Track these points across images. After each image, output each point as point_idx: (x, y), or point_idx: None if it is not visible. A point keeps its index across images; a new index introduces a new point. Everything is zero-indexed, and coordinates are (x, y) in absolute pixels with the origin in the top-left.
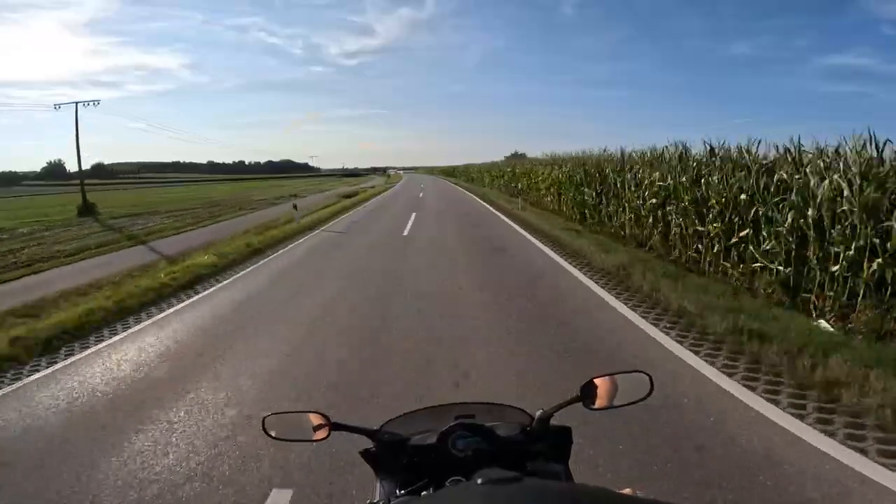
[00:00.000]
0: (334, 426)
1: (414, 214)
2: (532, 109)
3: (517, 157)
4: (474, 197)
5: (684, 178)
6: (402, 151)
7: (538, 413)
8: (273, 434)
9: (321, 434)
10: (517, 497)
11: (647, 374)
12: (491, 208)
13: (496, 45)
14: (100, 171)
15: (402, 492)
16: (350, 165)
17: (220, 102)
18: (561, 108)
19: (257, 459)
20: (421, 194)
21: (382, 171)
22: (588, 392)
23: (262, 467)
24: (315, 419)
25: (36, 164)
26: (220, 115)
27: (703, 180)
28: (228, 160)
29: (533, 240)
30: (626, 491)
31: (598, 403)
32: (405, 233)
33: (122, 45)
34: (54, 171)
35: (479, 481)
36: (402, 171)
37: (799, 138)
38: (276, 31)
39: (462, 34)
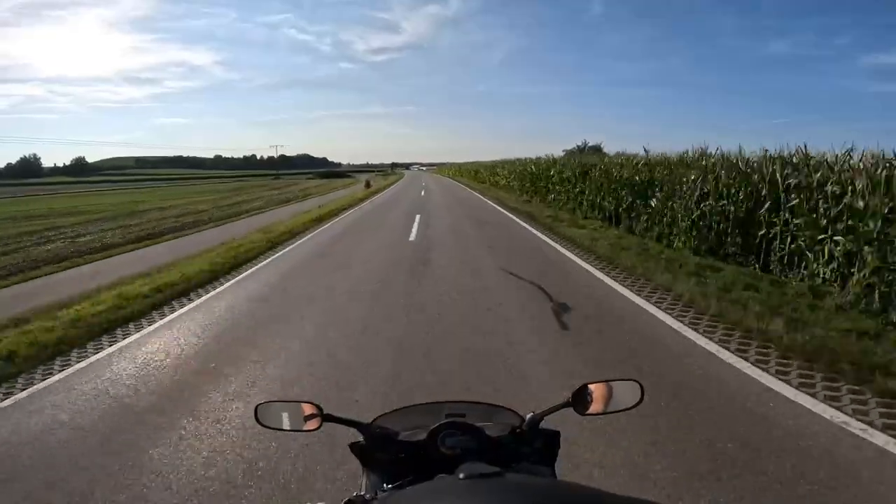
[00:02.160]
0: (326, 417)
1: None
2: (556, 109)
3: (587, 150)
4: None
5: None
6: (426, 149)
7: (528, 416)
8: (264, 422)
9: (312, 424)
10: (498, 491)
11: (639, 383)
12: None
13: (520, 43)
14: (81, 167)
15: (389, 486)
16: (375, 161)
17: (251, 99)
18: (588, 108)
19: (412, 213)
20: None
21: (405, 167)
22: (580, 397)
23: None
24: (307, 409)
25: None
26: (251, 112)
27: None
28: (238, 155)
29: None
30: None
31: (590, 409)
32: None
33: (161, 42)
34: (25, 168)
35: (462, 475)
36: (424, 168)
37: None
38: (306, 28)
39: (487, 32)
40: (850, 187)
